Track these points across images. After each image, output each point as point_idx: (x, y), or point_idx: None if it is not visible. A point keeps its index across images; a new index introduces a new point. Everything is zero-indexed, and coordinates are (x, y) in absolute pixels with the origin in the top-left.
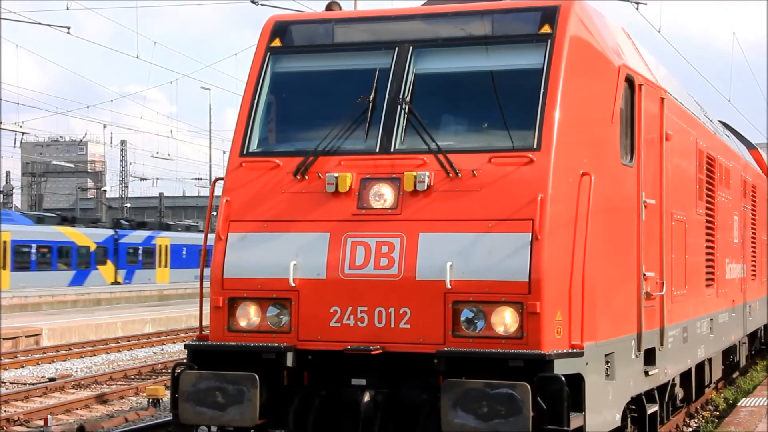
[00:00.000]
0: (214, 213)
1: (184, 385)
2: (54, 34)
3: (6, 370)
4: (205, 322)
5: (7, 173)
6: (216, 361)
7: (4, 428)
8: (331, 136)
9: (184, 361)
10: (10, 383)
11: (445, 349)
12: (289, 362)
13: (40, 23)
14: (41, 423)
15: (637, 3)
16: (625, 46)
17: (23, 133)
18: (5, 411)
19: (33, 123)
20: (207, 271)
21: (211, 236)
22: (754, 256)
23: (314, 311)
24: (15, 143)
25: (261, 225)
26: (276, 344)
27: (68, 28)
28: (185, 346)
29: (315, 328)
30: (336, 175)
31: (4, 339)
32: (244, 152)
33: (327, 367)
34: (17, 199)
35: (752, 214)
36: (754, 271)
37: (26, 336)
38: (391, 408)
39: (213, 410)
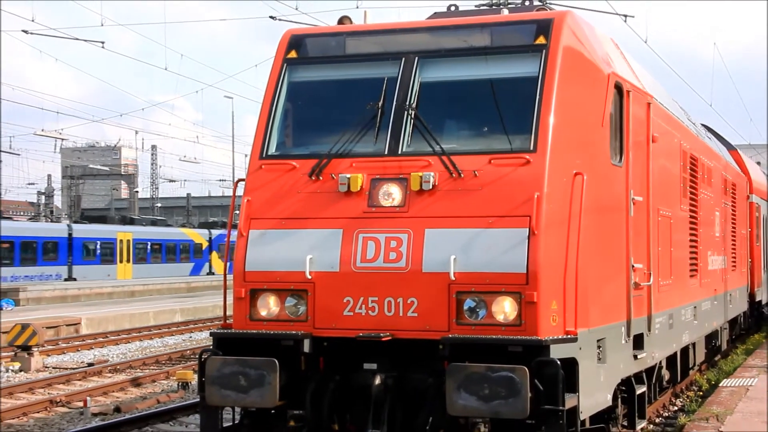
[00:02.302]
0: (237, 211)
1: (210, 370)
2: (90, 48)
3: (48, 356)
4: (229, 312)
5: (49, 176)
6: (239, 348)
7: (48, 409)
8: (343, 140)
9: (210, 347)
10: (53, 368)
11: (450, 336)
12: (306, 348)
13: (77, 39)
14: (81, 404)
15: (625, 16)
16: (614, 56)
17: (63, 139)
18: (48, 393)
19: (71, 130)
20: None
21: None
22: (734, 249)
23: (329, 301)
24: (55, 149)
25: (279, 222)
26: (294, 332)
27: (102, 42)
28: (211, 334)
29: (329, 317)
30: (348, 176)
31: (47, 327)
32: (264, 155)
33: (341, 352)
34: (57, 200)
35: (732, 210)
36: (734, 262)
37: (67, 325)
38: (400, 391)
39: (236, 393)
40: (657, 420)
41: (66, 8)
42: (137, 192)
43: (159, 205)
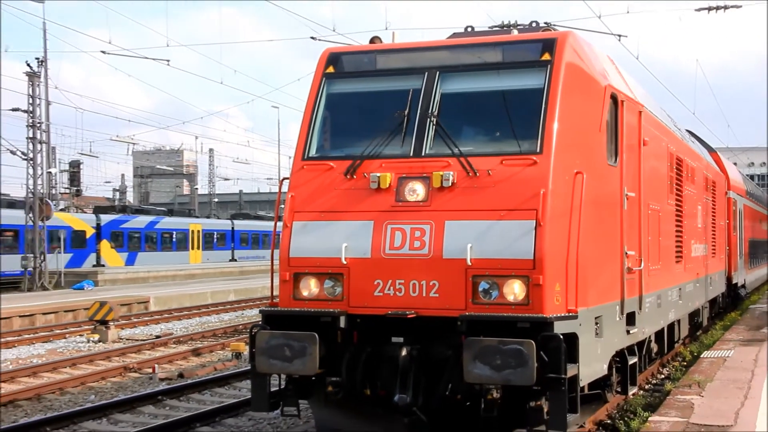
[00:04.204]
0: (282, 205)
1: (259, 342)
2: (157, 66)
3: (122, 329)
4: (275, 293)
5: (122, 176)
6: (284, 323)
7: (122, 374)
8: (374, 144)
9: (260, 323)
10: (127, 339)
11: (466, 313)
12: (342, 324)
13: (146, 57)
14: (150, 370)
15: (619, 36)
16: (610, 70)
17: (134, 144)
18: (122, 360)
19: (141, 136)
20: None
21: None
22: (714, 238)
23: (361, 283)
24: (128, 152)
25: (319, 215)
26: (331, 310)
27: (168, 60)
28: (260, 312)
29: (362, 297)
30: (378, 174)
31: (121, 305)
32: (305, 157)
33: (372, 328)
34: (129, 196)
35: (713, 205)
36: (714, 250)
37: (138, 303)
38: (423, 361)
39: (282, 362)
40: (646, 386)
41: (137, 31)
42: (197, 189)
43: (216, 200)
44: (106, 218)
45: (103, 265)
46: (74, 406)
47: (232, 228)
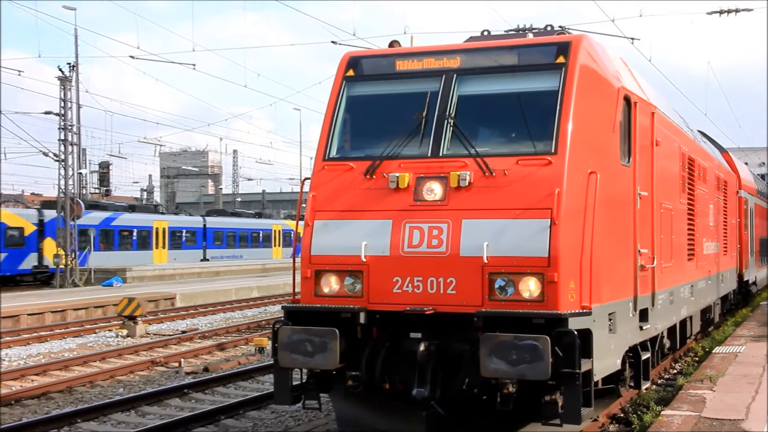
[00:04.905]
0: (303, 204)
1: (281, 337)
2: (183, 70)
3: (150, 324)
4: (297, 289)
5: (150, 176)
6: (306, 319)
7: (149, 368)
8: (392, 145)
9: (282, 319)
10: (154, 334)
11: (483, 310)
12: (362, 320)
13: (172, 62)
14: (176, 364)
15: (632, 39)
16: (623, 72)
17: (161, 145)
18: (150, 355)
19: (168, 137)
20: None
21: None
22: (725, 236)
23: (381, 280)
24: (155, 153)
25: (339, 214)
26: (351, 306)
27: (194, 65)
28: (282, 308)
29: (381, 294)
30: (397, 174)
31: (148, 301)
32: (326, 157)
33: (391, 323)
34: (156, 195)
35: (724, 204)
36: (725, 247)
37: (164, 299)
38: (441, 356)
39: (304, 356)
40: (659, 381)
41: (164, 37)
42: (221, 189)
43: (239, 200)
44: (50, 214)
45: (47, 266)
46: (104, 399)
47: (204, 225)
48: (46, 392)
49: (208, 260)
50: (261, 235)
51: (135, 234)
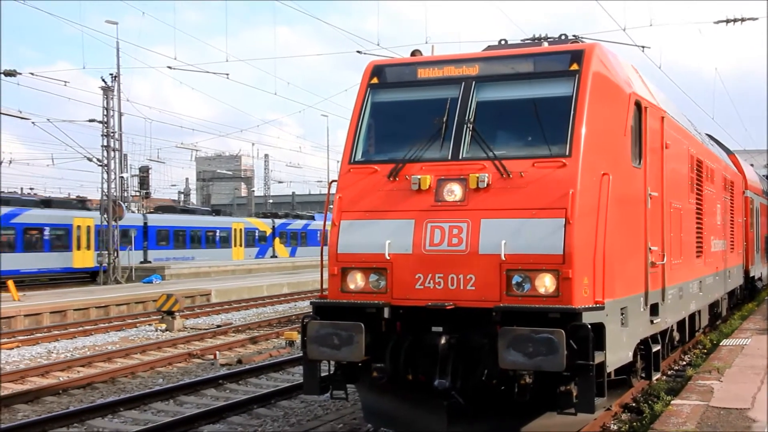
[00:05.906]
0: (331, 205)
1: (310, 331)
2: (218, 79)
3: (187, 319)
4: (325, 286)
5: (186, 179)
6: (333, 314)
7: (187, 360)
8: (414, 148)
9: (310, 314)
10: (191, 328)
11: (501, 305)
12: (386, 315)
13: (207, 72)
14: (212, 357)
15: (643, 47)
16: (634, 79)
17: (197, 150)
18: (187, 348)
19: (203, 143)
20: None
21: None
22: (732, 234)
23: (404, 277)
24: (191, 158)
25: (364, 214)
26: (376, 301)
27: (227, 74)
28: (311, 303)
29: (404, 290)
30: (419, 176)
31: (185, 297)
32: (352, 161)
33: (413, 318)
34: (193, 198)
35: (731, 203)
36: (732, 245)
37: (200, 295)
38: (461, 349)
39: (331, 349)
40: (669, 372)
41: (200, 48)
42: (254, 191)
43: (270, 201)
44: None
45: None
46: (144, 389)
47: (145, 224)
48: (90, 382)
49: (150, 262)
50: (217, 234)
51: (47, 233)
